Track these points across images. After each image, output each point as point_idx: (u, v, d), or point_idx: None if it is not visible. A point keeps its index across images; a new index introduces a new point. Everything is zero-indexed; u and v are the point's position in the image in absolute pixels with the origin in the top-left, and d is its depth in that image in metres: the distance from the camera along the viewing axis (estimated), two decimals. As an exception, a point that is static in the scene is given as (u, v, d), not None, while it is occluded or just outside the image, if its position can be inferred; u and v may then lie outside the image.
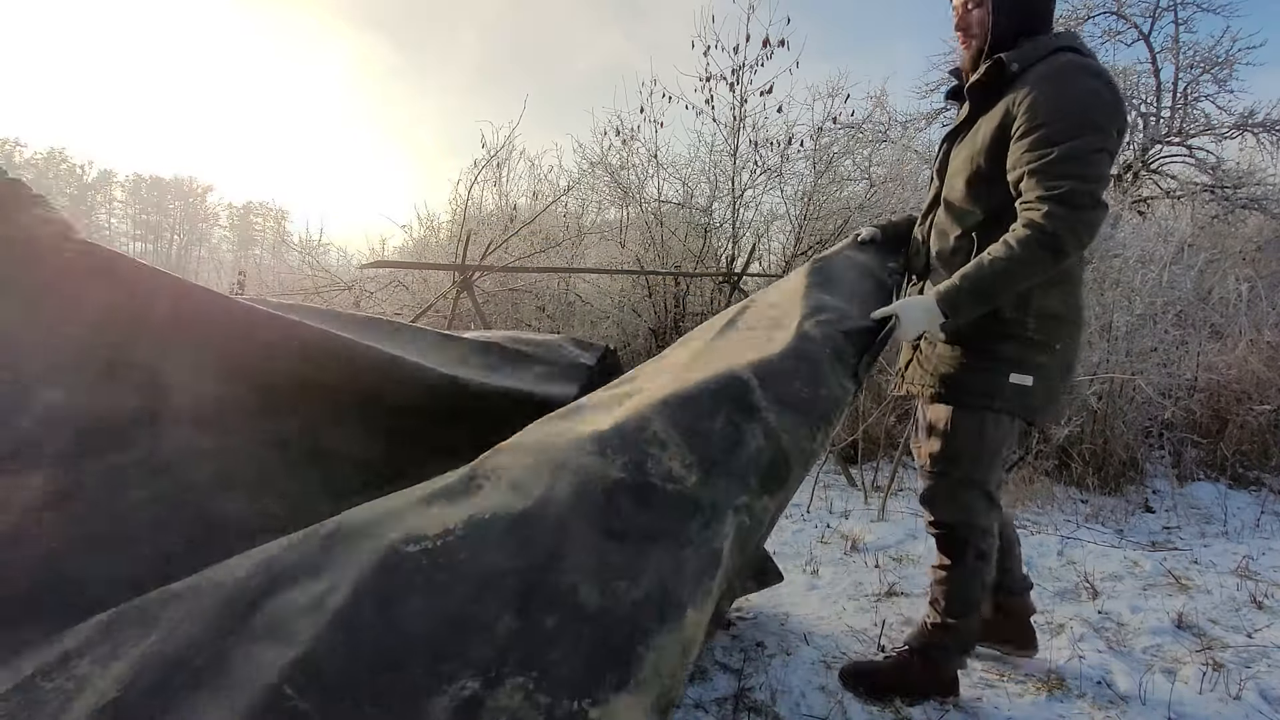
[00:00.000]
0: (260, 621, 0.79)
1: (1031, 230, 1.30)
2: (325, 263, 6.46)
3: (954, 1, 1.50)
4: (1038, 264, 1.31)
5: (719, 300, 4.95)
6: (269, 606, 0.81)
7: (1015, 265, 1.31)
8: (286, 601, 0.81)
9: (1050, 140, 1.29)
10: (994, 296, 1.35)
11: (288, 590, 0.82)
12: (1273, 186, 6.32)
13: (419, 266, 4.82)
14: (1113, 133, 1.32)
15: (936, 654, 1.58)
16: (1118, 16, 7.05)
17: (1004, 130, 1.38)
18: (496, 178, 6.03)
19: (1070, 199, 1.27)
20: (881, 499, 3.13)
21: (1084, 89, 1.31)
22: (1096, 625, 2.02)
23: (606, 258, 5.60)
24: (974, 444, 1.50)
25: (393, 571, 0.82)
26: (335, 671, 0.75)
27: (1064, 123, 1.29)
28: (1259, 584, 2.33)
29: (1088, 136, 1.28)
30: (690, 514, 0.94)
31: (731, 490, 0.98)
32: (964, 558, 1.55)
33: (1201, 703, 1.61)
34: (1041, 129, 1.30)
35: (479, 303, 4.11)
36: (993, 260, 1.33)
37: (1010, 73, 1.38)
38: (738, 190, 5.18)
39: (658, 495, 0.95)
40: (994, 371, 1.46)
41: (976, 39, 1.47)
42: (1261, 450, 3.73)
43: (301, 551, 0.86)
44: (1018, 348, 1.45)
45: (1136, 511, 3.23)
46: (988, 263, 1.33)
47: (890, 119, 6.41)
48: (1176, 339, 4.04)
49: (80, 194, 44.67)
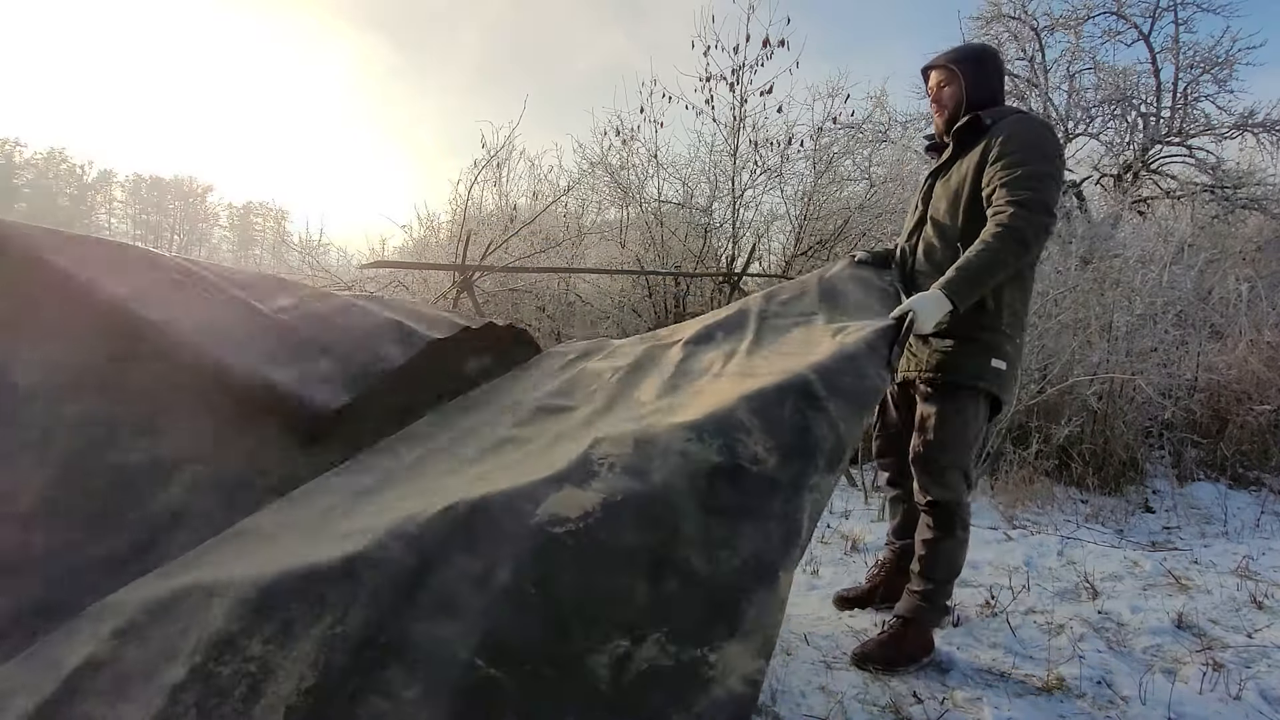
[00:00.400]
0: (427, 599, 0.88)
1: (1003, 228, 1.65)
2: (325, 263, 6.46)
3: (929, 83, 1.95)
4: (1010, 254, 1.65)
5: (719, 300, 4.95)
6: (432, 583, 0.90)
7: (996, 255, 1.64)
8: (448, 580, 0.90)
9: (1016, 164, 1.69)
10: (986, 282, 1.66)
11: (444, 569, 0.91)
12: (1273, 186, 6.32)
13: (419, 266, 4.82)
14: (1059, 163, 1.81)
15: (925, 616, 1.84)
16: (1118, 16, 7.05)
17: (982, 162, 1.78)
18: (496, 178, 6.03)
19: (1031, 204, 1.65)
20: (882, 499, 3.13)
21: (1041, 133, 1.78)
22: (1096, 625, 2.02)
23: (606, 258, 5.60)
24: (956, 433, 1.80)
25: (546, 551, 0.94)
26: (513, 642, 0.86)
27: (1026, 153, 1.70)
28: (1259, 584, 2.34)
29: (1043, 164, 1.71)
30: (773, 492, 1.09)
31: (805, 471, 1.13)
32: (953, 530, 1.83)
33: (1201, 703, 1.61)
34: (1010, 155, 1.71)
35: (479, 303, 4.11)
36: (979, 254, 1.65)
37: (984, 125, 1.82)
38: (738, 190, 5.18)
39: (747, 477, 1.10)
40: (980, 356, 1.78)
41: (949, 109, 1.91)
42: (1261, 450, 3.73)
43: (443, 531, 0.95)
44: (994, 337, 1.78)
45: (1136, 511, 3.23)
46: (974, 256, 1.65)
47: (890, 119, 6.40)
48: (1176, 339, 4.04)
49: (80, 194, 44.70)
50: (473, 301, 4.02)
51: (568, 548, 0.95)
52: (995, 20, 7.38)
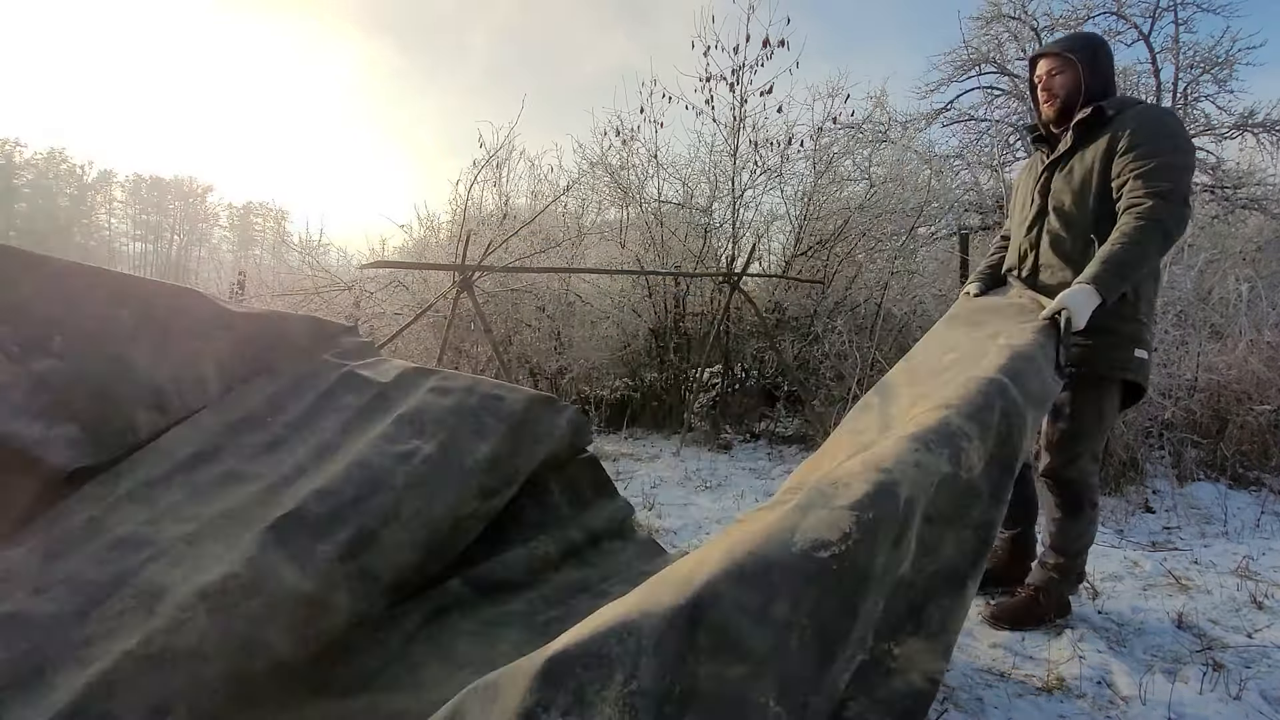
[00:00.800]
0: (705, 639, 0.82)
1: (1144, 220, 1.65)
2: (325, 263, 6.44)
3: (1039, 71, 1.92)
4: (1154, 246, 1.67)
5: (719, 300, 4.95)
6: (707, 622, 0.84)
7: (1140, 248, 1.65)
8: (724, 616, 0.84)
9: (1150, 155, 1.69)
10: (1131, 276, 1.68)
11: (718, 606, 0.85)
12: (1273, 186, 6.32)
13: (419, 267, 4.81)
14: (1192, 153, 1.80)
15: (1057, 587, 1.99)
16: (1118, 16, 7.06)
17: (1110, 152, 1.77)
18: (496, 178, 6.03)
19: (1169, 195, 1.65)
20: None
21: (1171, 123, 1.76)
22: (1096, 625, 2.02)
23: (606, 258, 5.60)
24: (1094, 422, 1.87)
25: (816, 577, 0.90)
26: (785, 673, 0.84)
27: (1159, 143, 1.70)
28: (1259, 584, 2.33)
29: (1177, 155, 1.71)
30: (975, 500, 1.10)
31: (1003, 479, 1.14)
32: (1083, 508, 1.94)
33: (1201, 703, 1.61)
34: (1142, 146, 1.71)
35: (479, 303, 4.11)
36: (1123, 246, 1.65)
37: (1107, 115, 1.81)
38: (738, 190, 5.18)
39: (958, 483, 1.10)
40: (1124, 348, 1.82)
41: (1060, 98, 1.88)
42: (1261, 450, 3.73)
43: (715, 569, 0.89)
44: (1136, 328, 1.83)
45: (1136, 511, 3.23)
46: (1118, 249, 1.65)
47: (890, 119, 6.40)
48: (1176, 339, 4.04)
49: (80, 194, 44.65)
50: (473, 302, 4.02)
51: (832, 572, 0.91)
52: (995, 20, 7.40)
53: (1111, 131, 1.78)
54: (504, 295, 5.16)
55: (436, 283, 5.08)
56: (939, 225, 5.96)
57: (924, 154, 5.92)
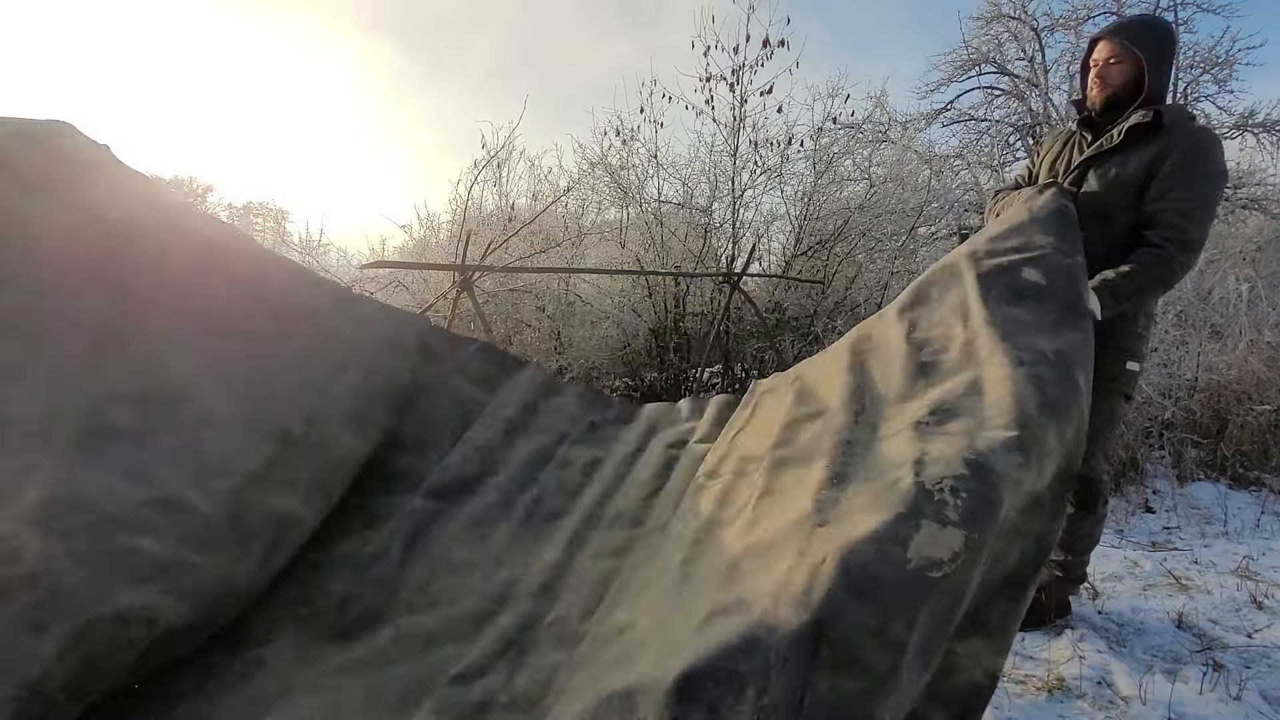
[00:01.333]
0: (828, 655, 0.85)
1: (1159, 261, 1.72)
2: (325, 263, 6.44)
3: (1096, 56, 1.88)
4: (1159, 287, 1.78)
5: (719, 300, 4.94)
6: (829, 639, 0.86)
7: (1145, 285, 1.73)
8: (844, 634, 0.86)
9: (1194, 192, 1.74)
10: (1124, 307, 1.74)
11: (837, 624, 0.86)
12: (1273, 186, 6.31)
13: (419, 267, 4.81)
14: (1224, 186, 1.93)
15: (1060, 586, 2.02)
16: (1117, 17, 7.05)
17: (1155, 165, 1.77)
18: (496, 178, 6.02)
19: (1193, 246, 1.74)
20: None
21: (1219, 158, 1.79)
22: (1096, 625, 2.02)
23: (606, 258, 5.59)
24: (1102, 422, 1.87)
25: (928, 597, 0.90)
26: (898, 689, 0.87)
27: (1204, 181, 1.75)
28: (1259, 584, 2.33)
29: (1215, 192, 1.80)
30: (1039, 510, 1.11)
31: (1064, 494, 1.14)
32: (1094, 506, 1.97)
33: (1201, 703, 1.61)
34: (1189, 179, 1.74)
35: (479, 303, 4.11)
36: (1132, 279, 1.71)
37: (1163, 124, 1.78)
38: (738, 190, 5.17)
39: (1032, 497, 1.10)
40: (1116, 361, 1.85)
41: (1114, 87, 1.86)
42: (1261, 450, 3.73)
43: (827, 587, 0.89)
44: (1131, 341, 1.88)
45: (1136, 511, 3.23)
46: (1126, 282, 1.71)
47: (890, 119, 6.40)
48: (1176, 339, 4.04)
49: (80, 194, 44.55)
50: (473, 302, 4.02)
51: (943, 591, 0.91)
52: (995, 20, 7.38)
53: (1161, 145, 1.76)
54: (504, 295, 5.15)
55: (436, 283, 5.08)
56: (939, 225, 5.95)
57: (924, 154, 5.92)
